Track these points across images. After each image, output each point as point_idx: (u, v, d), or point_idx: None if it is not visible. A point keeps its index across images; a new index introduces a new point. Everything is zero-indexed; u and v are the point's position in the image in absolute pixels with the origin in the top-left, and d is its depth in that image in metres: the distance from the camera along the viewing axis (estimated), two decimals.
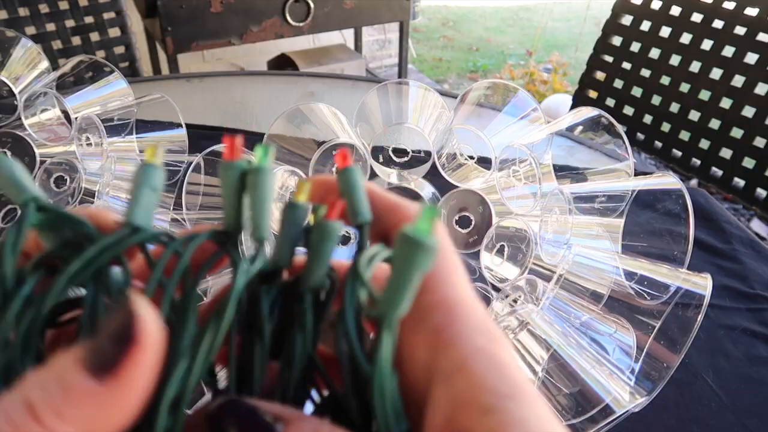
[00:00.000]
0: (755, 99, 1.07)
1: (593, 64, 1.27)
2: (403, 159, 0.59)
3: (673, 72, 1.17)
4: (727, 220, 0.69)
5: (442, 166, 0.56)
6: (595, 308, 0.44)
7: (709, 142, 1.14)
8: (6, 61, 0.61)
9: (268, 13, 1.62)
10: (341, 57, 2.00)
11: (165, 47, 1.55)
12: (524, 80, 2.69)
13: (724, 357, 0.53)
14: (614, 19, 1.23)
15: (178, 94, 0.70)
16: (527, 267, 0.50)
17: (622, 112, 1.25)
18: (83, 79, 0.64)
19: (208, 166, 0.50)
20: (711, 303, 0.39)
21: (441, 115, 0.58)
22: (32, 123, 0.59)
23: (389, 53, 2.70)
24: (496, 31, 3.49)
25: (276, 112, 0.57)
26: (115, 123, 0.61)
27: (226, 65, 2.27)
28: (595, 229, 0.50)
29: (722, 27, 1.10)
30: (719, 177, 1.14)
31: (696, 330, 0.39)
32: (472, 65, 3.08)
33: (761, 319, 0.57)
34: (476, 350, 0.16)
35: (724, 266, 0.63)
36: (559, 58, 2.81)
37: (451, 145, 0.58)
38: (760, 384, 0.51)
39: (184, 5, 1.51)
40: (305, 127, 0.58)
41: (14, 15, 1.16)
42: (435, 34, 3.43)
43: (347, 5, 1.72)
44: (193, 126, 0.69)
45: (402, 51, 1.96)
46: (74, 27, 1.22)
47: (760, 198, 1.08)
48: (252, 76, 1.08)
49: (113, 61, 1.21)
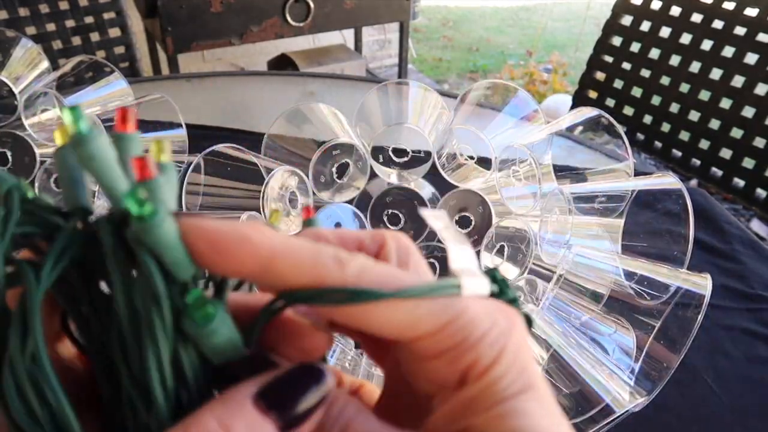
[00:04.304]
0: (755, 99, 1.07)
1: (593, 64, 1.27)
2: (403, 159, 0.59)
3: (673, 72, 1.17)
4: (727, 220, 0.69)
5: (442, 166, 0.56)
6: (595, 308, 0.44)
7: (709, 143, 1.14)
8: (6, 61, 0.61)
9: (268, 13, 1.62)
10: (341, 57, 2.00)
11: (165, 47, 1.55)
12: (524, 80, 2.69)
13: (724, 357, 0.53)
14: (614, 19, 1.23)
15: (178, 94, 0.71)
16: (527, 267, 0.50)
17: (622, 112, 1.25)
18: (83, 79, 0.64)
19: (208, 166, 0.50)
20: (711, 303, 0.39)
21: (441, 116, 0.58)
22: (32, 123, 0.59)
23: (389, 53, 2.70)
24: (496, 31, 3.49)
25: (276, 112, 0.57)
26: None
27: (226, 65, 2.27)
28: (595, 229, 0.50)
29: (722, 27, 1.10)
30: (719, 177, 1.14)
31: (696, 330, 0.39)
32: (472, 65, 3.08)
33: (761, 319, 0.57)
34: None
35: (724, 266, 0.63)
36: (559, 58, 2.81)
37: (451, 145, 0.58)
38: (760, 384, 0.51)
39: (184, 5, 1.51)
40: (305, 127, 0.58)
41: (14, 15, 1.16)
42: (435, 34, 3.43)
43: (347, 5, 1.72)
44: (193, 126, 0.69)
45: (402, 51, 1.96)
46: (74, 27, 1.22)
47: (760, 198, 1.08)
48: (252, 76, 1.08)
49: (113, 61, 1.21)
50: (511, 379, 0.15)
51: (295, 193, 0.53)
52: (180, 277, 0.15)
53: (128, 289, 0.15)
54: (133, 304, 0.15)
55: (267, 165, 0.51)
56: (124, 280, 0.15)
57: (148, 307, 0.15)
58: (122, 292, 0.15)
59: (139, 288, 0.15)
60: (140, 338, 0.15)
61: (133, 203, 0.14)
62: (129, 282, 0.15)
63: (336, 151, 0.55)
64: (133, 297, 0.15)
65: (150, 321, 0.14)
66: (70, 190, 0.16)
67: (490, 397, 0.15)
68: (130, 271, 0.15)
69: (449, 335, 0.15)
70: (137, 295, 0.15)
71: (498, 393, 0.15)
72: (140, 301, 0.15)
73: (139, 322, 0.15)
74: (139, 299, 0.15)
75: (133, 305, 0.15)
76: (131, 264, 0.15)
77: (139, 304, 0.15)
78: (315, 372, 0.15)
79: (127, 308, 0.15)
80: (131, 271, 0.15)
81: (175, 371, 0.15)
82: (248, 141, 0.56)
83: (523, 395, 0.15)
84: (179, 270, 0.15)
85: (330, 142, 0.53)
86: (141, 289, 0.15)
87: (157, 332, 0.14)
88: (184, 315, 0.15)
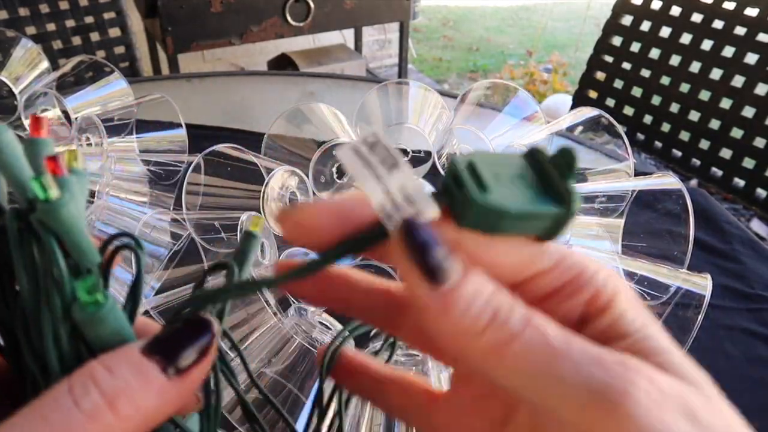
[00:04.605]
0: (755, 99, 1.07)
1: (593, 64, 1.27)
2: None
3: (673, 72, 1.17)
4: (727, 220, 0.69)
5: (442, 166, 0.56)
6: None
7: (709, 143, 1.14)
8: (6, 61, 0.61)
9: (268, 13, 1.62)
10: (341, 57, 2.00)
11: (165, 47, 1.55)
12: (524, 80, 2.69)
13: (724, 357, 0.53)
14: (614, 19, 1.23)
15: (178, 94, 0.70)
16: None
17: (622, 112, 1.24)
18: (83, 79, 0.64)
19: (208, 166, 0.50)
20: (711, 303, 0.39)
21: (441, 115, 0.58)
22: None
23: (389, 53, 2.70)
24: (496, 31, 3.49)
25: (276, 112, 0.57)
26: (115, 123, 0.61)
27: (226, 65, 2.27)
28: (595, 229, 0.50)
29: (722, 27, 1.10)
30: (719, 177, 1.14)
31: (696, 330, 0.39)
32: (472, 65, 3.08)
33: (761, 319, 0.57)
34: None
35: (724, 266, 0.63)
36: (559, 58, 2.81)
37: (451, 145, 0.58)
38: (760, 384, 0.51)
39: (184, 5, 1.51)
40: (305, 127, 0.58)
41: (14, 15, 1.16)
42: (435, 34, 3.43)
43: (347, 5, 1.72)
44: (193, 126, 0.69)
45: (402, 51, 1.96)
46: (74, 27, 1.22)
47: (760, 198, 1.08)
48: (252, 76, 1.08)
49: (113, 61, 1.21)
50: (635, 312, 0.16)
51: (295, 193, 0.53)
52: (82, 262, 0.16)
53: (30, 270, 0.16)
54: (34, 282, 0.16)
55: (267, 165, 0.51)
56: (26, 261, 0.16)
57: (47, 285, 0.16)
58: (24, 270, 0.16)
59: (40, 268, 0.16)
60: (38, 314, 0.16)
61: (38, 187, 0.15)
62: (31, 264, 0.16)
63: (336, 151, 0.55)
64: (34, 275, 0.16)
65: (49, 297, 0.16)
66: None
67: (622, 328, 0.15)
68: (32, 254, 0.16)
69: (565, 270, 0.16)
70: (39, 274, 0.16)
71: (628, 324, 0.15)
72: (41, 280, 0.16)
73: (39, 299, 0.16)
74: (40, 278, 0.16)
75: (34, 283, 0.16)
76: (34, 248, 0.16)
77: (40, 282, 0.16)
78: (201, 325, 0.17)
79: (28, 284, 0.16)
80: (33, 253, 0.16)
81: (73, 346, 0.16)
82: (248, 141, 0.56)
83: (651, 326, 0.16)
84: (81, 256, 0.16)
85: (330, 142, 0.53)
86: (41, 270, 0.16)
87: (56, 309, 0.16)
88: (74, 299, 0.16)
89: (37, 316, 0.16)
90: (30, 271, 0.16)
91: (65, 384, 0.15)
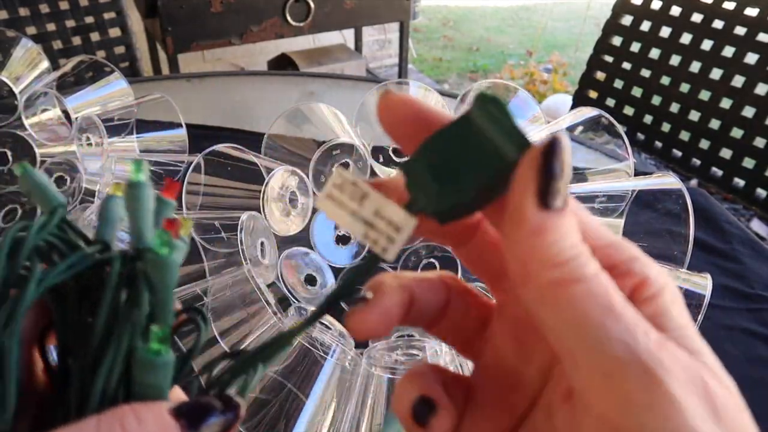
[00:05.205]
0: (755, 99, 1.07)
1: (593, 64, 1.27)
2: (404, 159, 0.59)
3: (673, 72, 1.17)
4: (727, 220, 0.69)
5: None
6: None
7: (709, 142, 1.14)
8: (6, 61, 0.61)
9: (268, 13, 1.62)
10: (341, 57, 2.00)
11: (165, 47, 1.55)
12: (524, 80, 2.69)
13: (724, 357, 0.53)
14: (614, 19, 1.23)
15: (178, 94, 0.70)
16: None
17: (622, 112, 1.24)
18: (83, 79, 0.64)
19: (209, 166, 0.50)
20: (711, 303, 0.39)
21: None
22: (32, 123, 0.59)
23: (389, 53, 2.70)
24: (496, 31, 3.49)
25: (276, 112, 0.57)
26: (115, 123, 0.61)
27: (226, 65, 2.27)
28: None
29: (722, 27, 1.10)
30: (719, 177, 1.14)
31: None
32: (472, 65, 3.08)
33: (761, 319, 0.57)
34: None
35: (724, 266, 0.63)
36: (559, 58, 2.81)
37: None
38: (760, 384, 0.51)
39: (184, 5, 1.51)
40: (305, 127, 0.58)
41: (14, 15, 1.16)
42: (435, 34, 3.43)
43: (347, 5, 1.72)
44: (193, 126, 0.69)
45: (402, 51, 1.96)
46: (74, 27, 1.22)
47: (760, 198, 1.08)
48: (252, 76, 1.08)
49: (113, 61, 1.21)
50: (679, 310, 0.16)
51: (295, 193, 0.53)
52: (160, 316, 0.18)
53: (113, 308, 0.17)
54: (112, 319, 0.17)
55: (267, 165, 0.51)
56: (113, 300, 0.17)
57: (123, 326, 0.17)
58: (107, 307, 0.17)
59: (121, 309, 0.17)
60: (104, 349, 0.17)
61: (159, 240, 0.17)
62: (116, 303, 0.18)
63: (336, 151, 0.55)
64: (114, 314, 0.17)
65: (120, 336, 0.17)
66: (101, 226, 0.20)
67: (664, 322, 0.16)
68: (120, 294, 0.18)
69: (618, 250, 0.17)
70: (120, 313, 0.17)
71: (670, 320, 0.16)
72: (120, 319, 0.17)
73: (110, 336, 0.17)
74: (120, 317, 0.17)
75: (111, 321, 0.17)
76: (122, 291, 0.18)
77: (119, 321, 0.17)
78: (229, 404, 0.18)
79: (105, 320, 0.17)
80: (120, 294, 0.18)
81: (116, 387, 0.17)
82: (248, 141, 0.56)
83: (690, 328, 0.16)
84: (164, 311, 0.18)
85: (330, 142, 0.53)
86: (123, 311, 0.17)
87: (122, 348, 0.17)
88: (144, 338, 0.17)
89: (101, 351, 0.17)
90: (112, 310, 0.17)
91: (94, 420, 0.16)
